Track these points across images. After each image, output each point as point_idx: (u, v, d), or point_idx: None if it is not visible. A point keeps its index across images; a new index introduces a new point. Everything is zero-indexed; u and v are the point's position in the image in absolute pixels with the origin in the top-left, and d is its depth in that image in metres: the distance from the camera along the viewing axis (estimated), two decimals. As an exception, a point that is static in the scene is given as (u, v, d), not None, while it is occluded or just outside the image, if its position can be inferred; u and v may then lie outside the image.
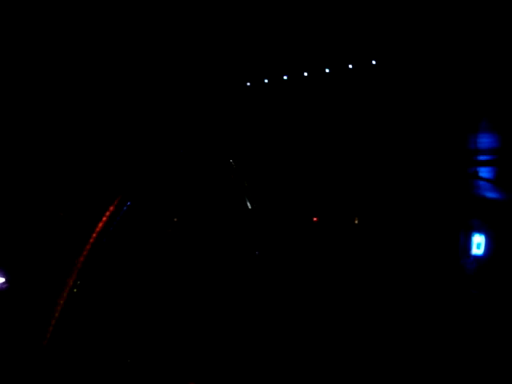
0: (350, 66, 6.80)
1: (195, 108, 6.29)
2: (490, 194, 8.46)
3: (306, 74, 6.95)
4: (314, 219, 7.50)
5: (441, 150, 7.12)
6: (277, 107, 7.02)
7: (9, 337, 5.04)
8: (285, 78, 7.02)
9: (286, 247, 6.10)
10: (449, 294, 7.17)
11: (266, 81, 7.06)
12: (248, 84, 7.13)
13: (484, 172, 7.91)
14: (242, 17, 5.78)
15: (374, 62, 6.73)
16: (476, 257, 8.18)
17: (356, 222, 7.58)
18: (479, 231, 8.21)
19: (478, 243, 8.19)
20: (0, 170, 5.98)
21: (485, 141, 7.18)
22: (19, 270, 6.32)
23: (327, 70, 6.89)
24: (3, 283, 6.49)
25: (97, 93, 5.99)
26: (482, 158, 7.63)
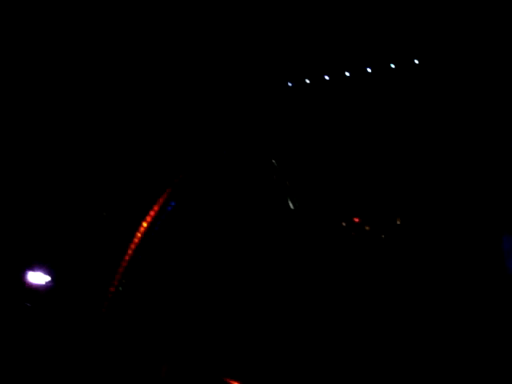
0: (393, 66, 6.76)
1: (237, 109, 6.31)
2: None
3: (347, 73, 6.93)
4: (356, 220, 7.46)
5: (485, 143, 6.99)
6: (318, 107, 7.01)
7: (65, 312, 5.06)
8: (326, 78, 7.01)
9: (328, 248, 6.07)
10: (492, 298, 7.04)
11: (308, 81, 7.06)
12: (290, 84, 7.14)
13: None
14: (287, 14, 5.79)
15: (416, 62, 6.68)
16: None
17: (398, 222, 7.52)
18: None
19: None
20: (45, 168, 6.07)
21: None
22: (65, 269, 6.41)
23: (369, 70, 6.86)
24: (49, 281, 6.61)
25: (140, 90, 6.07)
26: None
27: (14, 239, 6.34)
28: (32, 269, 6.43)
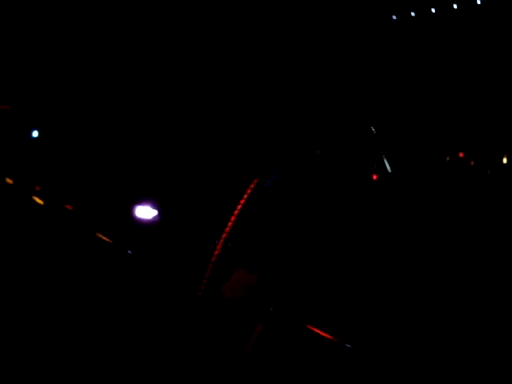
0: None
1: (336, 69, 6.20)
2: None
3: (455, 6, 6.63)
4: (461, 154, 7.35)
5: None
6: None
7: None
8: (433, 10, 6.73)
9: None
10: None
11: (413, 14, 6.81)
12: (394, 17, 6.91)
13: None
14: None
15: None
16: None
17: (505, 160, 7.33)
18: None
19: None
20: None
21: None
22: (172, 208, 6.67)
23: (478, 2, 6.53)
24: (156, 216, 6.92)
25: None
26: None
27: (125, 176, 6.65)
28: (140, 204, 6.75)
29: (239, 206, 1.51)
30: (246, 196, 1.50)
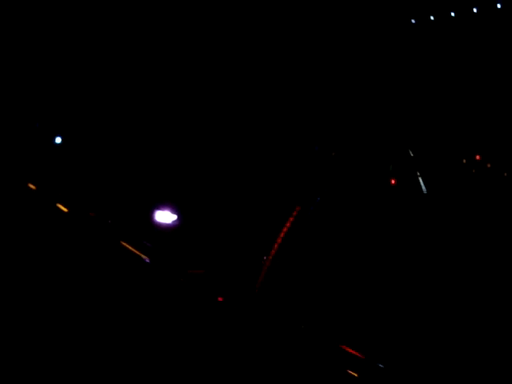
0: None
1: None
2: None
3: (475, 10, 6.61)
4: (477, 157, 7.40)
5: None
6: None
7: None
8: (452, 14, 6.72)
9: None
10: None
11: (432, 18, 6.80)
12: (413, 21, 6.90)
13: None
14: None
15: None
16: None
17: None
18: None
19: None
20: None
21: None
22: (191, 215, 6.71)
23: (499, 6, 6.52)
24: (175, 220, 6.96)
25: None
26: None
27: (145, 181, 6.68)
28: (160, 208, 6.78)
29: (285, 229, 1.52)
30: (291, 219, 1.53)
